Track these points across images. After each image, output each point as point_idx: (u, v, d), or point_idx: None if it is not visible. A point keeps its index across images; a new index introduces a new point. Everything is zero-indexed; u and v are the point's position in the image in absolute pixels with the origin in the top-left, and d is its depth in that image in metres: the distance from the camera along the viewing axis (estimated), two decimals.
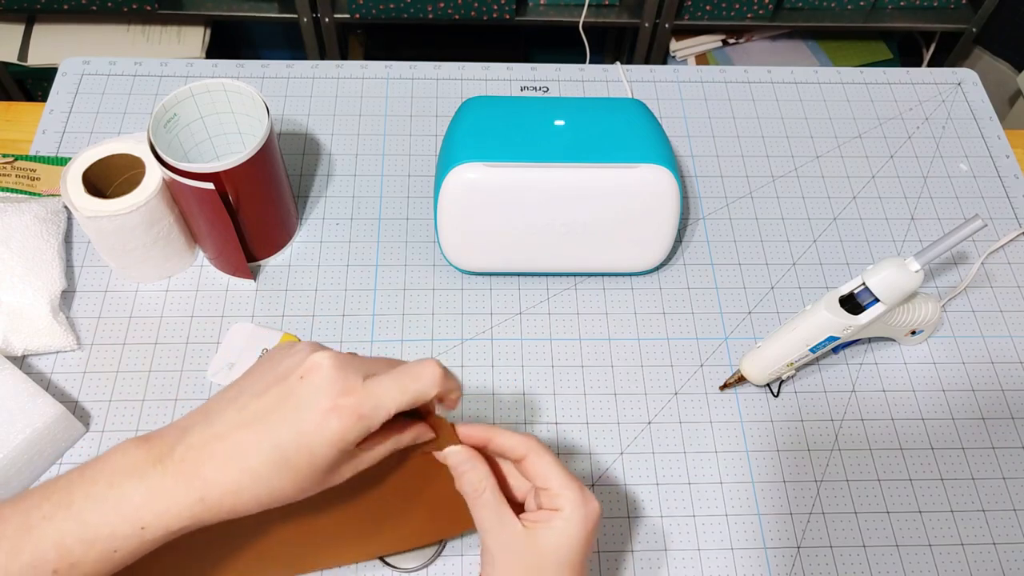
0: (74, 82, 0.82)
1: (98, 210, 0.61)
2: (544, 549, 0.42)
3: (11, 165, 0.74)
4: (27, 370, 0.64)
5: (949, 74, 0.89)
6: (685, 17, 1.50)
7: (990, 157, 0.82)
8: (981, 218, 0.57)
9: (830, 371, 0.68)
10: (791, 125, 0.84)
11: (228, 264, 0.69)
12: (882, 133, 0.84)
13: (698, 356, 0.68)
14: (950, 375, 0.68)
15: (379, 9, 1.44)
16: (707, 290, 0.72)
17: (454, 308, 0.69)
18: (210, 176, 0.60)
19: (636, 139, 0.65)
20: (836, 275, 0.73)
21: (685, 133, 0.83)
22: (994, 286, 0.73)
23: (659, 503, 0.61)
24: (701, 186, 0.79)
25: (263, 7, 1.48)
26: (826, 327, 0.61)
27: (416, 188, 0.77)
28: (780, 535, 0.60)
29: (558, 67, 0.87)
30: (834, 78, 0.88)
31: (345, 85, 0.84)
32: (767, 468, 0.63)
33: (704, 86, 0.87)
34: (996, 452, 0.64)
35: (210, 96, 0.65)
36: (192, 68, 0.84)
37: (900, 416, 0.66)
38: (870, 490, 0.62)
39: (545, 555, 0.42)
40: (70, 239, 0.71)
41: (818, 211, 0.77)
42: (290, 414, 0.39)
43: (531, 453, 0.44)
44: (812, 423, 0.65)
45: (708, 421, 0.65)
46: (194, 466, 0.38)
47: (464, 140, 0.65)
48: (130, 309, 0.68)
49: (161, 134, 0.63)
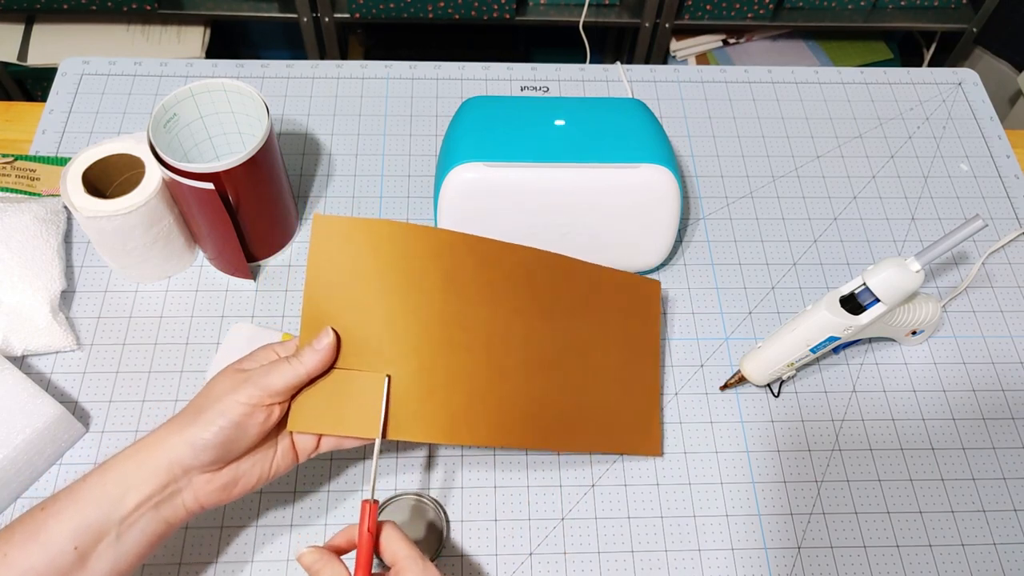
0: (74, 82, 0.82)
1: (98, 210, 0.61)
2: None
3: (11, 165, 0.74)
4: (27, 370, 0.64)
5: (949, 74, 0.89)
6: (685, 17, 1.50)
7: (991, 157, 0.82)
8: (982, 218, 0.57)
9: (830, 371, 0.68)
10: (791, 125, 0.84)
11: (228, 264, 0.69)
12: (883, 133, 0.84)
13: (698, 356, 0.68)
14: (950, 375, 0.68)
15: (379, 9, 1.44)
16: (707, 290, 0.72)
17: None
18: (210, 176, 0.59)
19: (636, 139, 0.65)
20: (836, 275, 0.73)
21: (685, 133, 0.83)
22: (994, 286, 0.73)
23: (659, 503, 0.61)
24: (701, 186, 0.79)
25: (263, 7, 1.48)
26: (826, 327, 0.61)
27: (416, 188, 0.77)
28: (780, 535, 0.60)
29: (558, 67, 0.87)
30: (834, 78, 0.88)
31: (345, 85, 0.84)
32: (767, 468, 0.63)
33: (704, 86, 0.87)
34: (996, 452, 0.64)
35: (210, 96, 0.65)
36: (192, 68, 0.84)
37: (901, 416, 0.66)
38: (870, 490, 0.62)
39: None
40: (70, 239, 0.71)
41: (818, 211, 0.77)
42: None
43: (384, 531, 0.47)
44: (812, 423, 0.65)
45: (708, 421, 0.65)
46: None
47: (464, 140, 0.65)
48: (130, 309, 0.68)
49: (161, 134, 0.63)
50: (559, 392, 0.57)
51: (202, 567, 0.56)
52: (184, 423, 0.47)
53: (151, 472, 0.46)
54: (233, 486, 0.49)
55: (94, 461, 0.60)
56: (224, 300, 0.68)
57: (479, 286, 0.54)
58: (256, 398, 0.47)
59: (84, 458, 0.60)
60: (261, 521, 0.58)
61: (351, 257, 0.51)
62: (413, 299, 0.52)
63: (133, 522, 0.46)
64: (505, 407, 0.54)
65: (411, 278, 0.52)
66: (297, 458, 0.52)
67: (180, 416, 0.48)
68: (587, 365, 0.59)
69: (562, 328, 0.58)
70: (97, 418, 0.62)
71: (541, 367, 0.57)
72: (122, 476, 0.46)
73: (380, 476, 0.60)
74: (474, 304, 0.54)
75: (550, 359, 0.57)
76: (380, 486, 0.60)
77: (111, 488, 0.46)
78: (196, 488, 0.48)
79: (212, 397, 0.47)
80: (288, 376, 0.48)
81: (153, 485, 0.46)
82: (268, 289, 0.69)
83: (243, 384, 0.47)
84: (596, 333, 0.60)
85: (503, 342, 0.55)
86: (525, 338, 0.56)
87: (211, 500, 0.48)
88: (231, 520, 0.58)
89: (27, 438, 0.56)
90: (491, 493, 0.60)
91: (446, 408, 0.52)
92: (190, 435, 0.46)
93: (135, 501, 0.46)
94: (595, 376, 0.60)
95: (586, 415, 0.59)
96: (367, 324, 0.51)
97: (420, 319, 0.52)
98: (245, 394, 0.47)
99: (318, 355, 0.49)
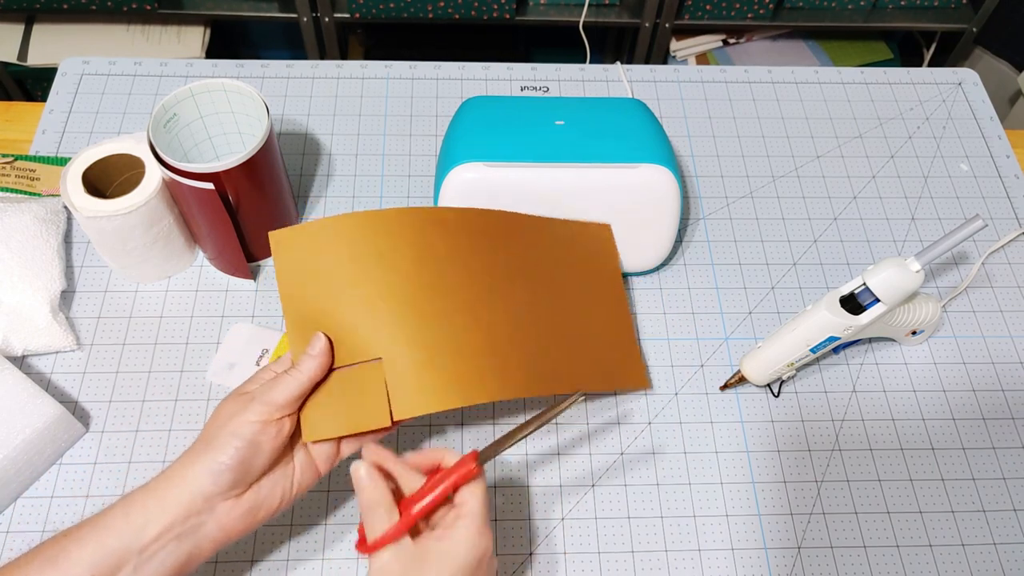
0: (74, 82, 0.82)
1: (98, 210, 0.61)
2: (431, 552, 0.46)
3: (11, 165, 0.74)
4: (27, 370, 0.64)
5: (950, 74, 0.89)
6: (685, 17, 1.50)
7: (991, 157, 0.82)
8: (982, 218, 0.57)
9: (830, 371, 0.68)
10: (791, 125, 0.84)
11: (228, 264, 0.69)
12: (883, 133, 0.84)
13: (698, 356, 0.68)
14: (950, 375, 0.68)
15: (379, 9, 1.44)
16: (707, 290, 0.72)
17: None
18: (210, 176, 0.59)
19: (636, 139, 0.65)
20: (836, 275, 0.73)
21: (685, 133, 0.83)
22: (994, 286, 0.73)
23: (659, 503, 0.61)
24: (701, 186, 0.79)
25: (263, 7, 1.48)
26: (826, 327, 0.61)
27: (416, 188, 0.77)
28: (780, 535, 0.60)
29: (558, 67, 0.87)
30: (834, 78, 0.88)
31: (345, 85, 0.84)
32: (767, 468, 0.63)
33: (704, 86, 0.87)
34: (996, 452, 0.64)
35: (210, 96, 0.65)
36: (192, 68, 0.84)
37: (901, 416, 0.66)
38: (870, 490, 0.62)
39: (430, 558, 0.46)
40: (70, 239, 0.71)
41: (818, 211, 0.77)
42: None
43: (472, 481, 0.48)
44: (812, 423, 0.65)
45: (708, 421, 0.65)
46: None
47: (464, 140, 0.65)
48: (130, 309, 0.67)
49: (161, 134, 0.63)
50: (545, 339, 0.58)
51: (203, 567, 0.56)
52: (199, 452, 0.47)
53: (173, 503, 0.46)
54: (257, 510, 0.49)
55: (94, 461, 0.60)
56: (224, 300, 0.68)
57: (448, 253, 0.55)
58: (265, 414, 0.48)
59: (84, 458, 0.60)
60: None
61: (317, 260, 0.52)
62: (387, 282, 0.52)
63: (153, 553, 0.45)
64: (499, 361, 0.54)
65: (380, 262, 0.53)
66: (319, 470, 0.51)
67: (194, 447, 0.48)
68: (563, 310, 0.61)
69: (533, 279, 0.60)
70: (97, 418, 0.62)
71: (523, 319, 0.58)
72: (143, 507, 0.46)
73: None
74: (447, 272, 0.55)
75: (529, 310, 0.58)
76: None
77: (133, 518, 0.46)
78: (219, 517, 0.47)
79: (221, 422, 0.48)
80: (291, 387, 0.49)
81: (173, 515, 0.46)
82: (268, 289, 0.69)
83: (250, 404, 0.48)
84: (565, 279, 0.62)
85: (483, 301, 0.56)
86: (503, 294, 0.57)
87: (237, 528, 0.48)
88: None
89: (27, 438, 0.56)
90: (491, 493, 0.60)
91: (444, 375, 0.52)
92: (207, 461, 0.46)
93: (155, 532, 0.45)
94: (573, 319, 0.61)
95: (573, 356, 0.60)
96: (351, 318, 0.52)
97: (399, 298, 0.52)
98: (254, 412, 0.47)
99: (315, 360, 0.50)
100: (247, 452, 0.47)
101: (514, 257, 0.60)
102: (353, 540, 0.58)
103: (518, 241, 0.61)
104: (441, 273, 0.54)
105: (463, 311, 0.54)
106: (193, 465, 0.47)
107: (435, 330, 0.53)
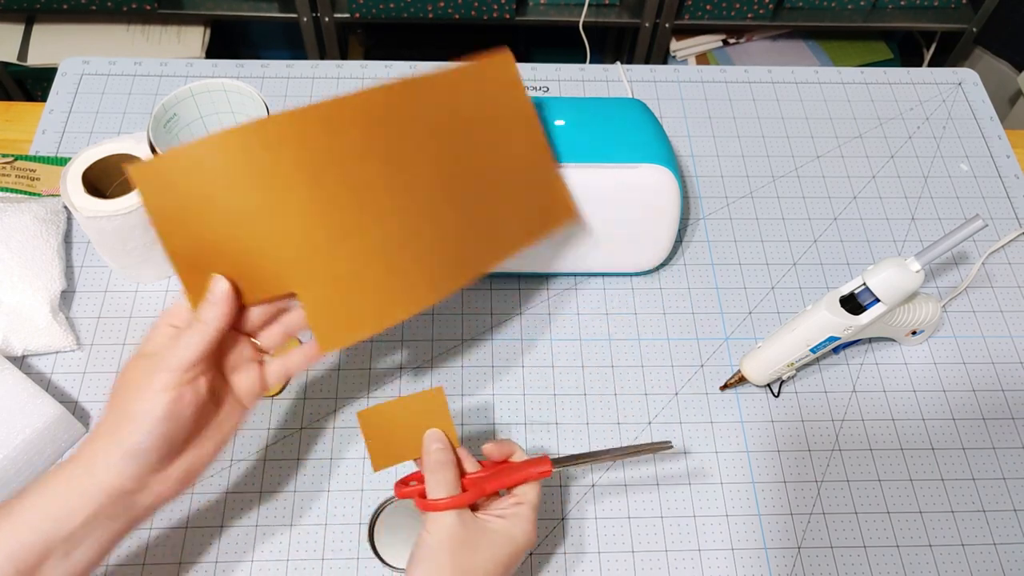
0: (74, 82, 0.82)
1: (98, 210, 0.61)
2: (477, 532, 0.48)
3: (11, 165, 0.74)
4: (27, 370, 0.64)
5: (950, 74, 0.89)
6: (685, 17, 1.50)
7: (991, 157, 0.82)
8: (982, 218, 0.57)
9: (830, 371, 0.68)
10: (791, 125, 0.84)
11: None
12: (883, 133, 0.84)
13: (698, 356, 0.68)
14: (950, 375, 0.68)
15: (379, 9, 1.44)
16: (707, 290, 0.72)
17: (454, 308, 0.69)
18: None
19: (636, 139, 0.65)
20: (836, 275, 0.73)
21: (685, 133, 0.83)
22: (994, 286, 0.73)
23: (659, 503, 0.61)
24: (701, 186, 0.79)
25: (263, 7, 1.48)
26: (826, 327, 0.61)
27: None
28: (780, 535, 0.60)
29: (558, 67, 0.87)
30: (834, 78, 0.88)
31: (345, 85, 0.84)
32: (767, 468, 0.63)
33: (704, 86, 0.87)
34: (996, 452, 0.64)
35: (210, 96, 0.65)
36: (192, 68, 0.84)
37: (901, 416, 0.66)
38: (870, 490, 0.62)
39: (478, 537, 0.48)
40: (70, 239, 0.71)
41: (818, 211, 0.77)
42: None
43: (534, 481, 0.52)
44: (812, 423, 0.65)
45: (708, 421, 0.65)
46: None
47: None
48: (130, 309, 0.67)
49: (161, 134, 0.63)
50: (469, 207, 0.54)
51: (202, 567, 0.56)
52: (112, 429, 0.44)
53: (95, 491, 0.43)
54: (191, 470, 0.46)
55: None
56: None
57: (341, 153, 0.48)
58: (174, 381, 0.43)
59: None
60: (261, 521, 0.58)
61: (195, 190, 0.44)
62: (280, 200, 0.45)
63: (81, 538, 0.43)
64: (427, 255, 0.50)
65: (267, 180, 0.45)
66: (244, 406, 0.49)
67: (106, 422, 0.44)
68: (478, 168, 0.56)
69: (438, 148, 0.53)
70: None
71: (441, 194, 0.52)
72: (61, 498, 0.43)
73: (380, 479, 0.60)
74: (346, 174, 0.48)
75: (444, 181, 0.53)
76: (379, 487, 0.60)
77: (53, 509, 0.42)
78: (152, 488, 0.45)
79: (130, 394, 0.44)
80: (196, 342, 0.44)
81: (99, 503, 0.43)
82: None
83: (154, 371, 0.44)
84: (472, 130, 0.56)
85: (394, 194, 0.50)
86: (413, 175, 0.51)
87: (174, 491, 0.46)
88: (231, 520, 0.58)
89: (27, 438, 0.56)
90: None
91: (374, 288, 0.48)
92: (128, 446, 0.43)
93: (80, 520, 0.43)
94: (490, 173, 0.56)
95: (501, 214, 0.56)
96: (250, 250, 0.45)
97: (297, 215, 0.46)
98: (160, 381, 0.43)
99: (218, 307, 0.45)
100: (166, 427, 0.43)
101: (413, 128, 0.52)
102: (353, 540, 0.58)
103: (413, 108, 0.53)
104: (336, 176, 0.47)
105: (372, 211, 0.48)
106: (112, 449, 0.43)
107: (348, 241, 0.47)
